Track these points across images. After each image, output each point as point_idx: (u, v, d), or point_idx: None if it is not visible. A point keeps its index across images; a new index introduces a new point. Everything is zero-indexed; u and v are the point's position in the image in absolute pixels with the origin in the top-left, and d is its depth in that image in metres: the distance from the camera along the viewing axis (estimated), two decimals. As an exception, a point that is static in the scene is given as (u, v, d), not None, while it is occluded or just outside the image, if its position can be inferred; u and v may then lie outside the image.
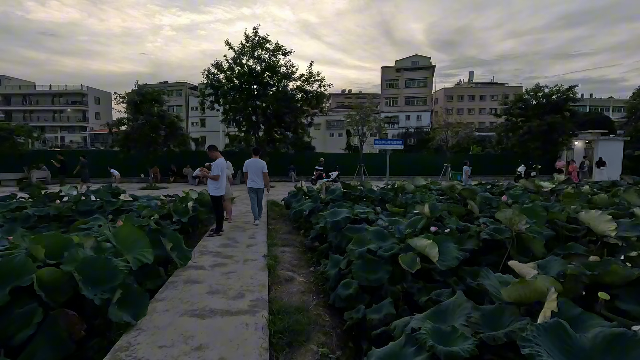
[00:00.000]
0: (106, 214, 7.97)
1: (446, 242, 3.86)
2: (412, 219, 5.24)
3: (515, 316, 2.26)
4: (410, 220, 5.26)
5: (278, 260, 5.23)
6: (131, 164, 19.08)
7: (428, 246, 3.66)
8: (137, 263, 3.50)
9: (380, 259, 4.01)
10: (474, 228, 4.48)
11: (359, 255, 4.16)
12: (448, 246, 3.80)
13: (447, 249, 3.75)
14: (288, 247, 6.09)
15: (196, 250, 5.57)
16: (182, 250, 4.42)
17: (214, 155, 6.75)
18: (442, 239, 3.86)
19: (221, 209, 6.78)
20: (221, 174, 6.58)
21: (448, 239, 3.93)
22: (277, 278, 4.51)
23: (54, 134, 63.44)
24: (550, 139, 18.47)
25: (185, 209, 7.10)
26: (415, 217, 5.26)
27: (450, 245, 3.81)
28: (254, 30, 15.67)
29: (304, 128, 17.25)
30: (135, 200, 9.32)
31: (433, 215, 4.97)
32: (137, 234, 3.70)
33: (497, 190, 9.43)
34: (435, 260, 3.52)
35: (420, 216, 5.20)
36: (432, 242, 3.67)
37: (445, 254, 3.69)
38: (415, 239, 3.83)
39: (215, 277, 4.27)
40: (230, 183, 8.34)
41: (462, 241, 4.45)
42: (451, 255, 3.69)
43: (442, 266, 3.58)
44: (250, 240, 6.34)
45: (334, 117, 50.28)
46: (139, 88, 15.73)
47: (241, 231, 7.09)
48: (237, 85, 15.78)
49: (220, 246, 5.84)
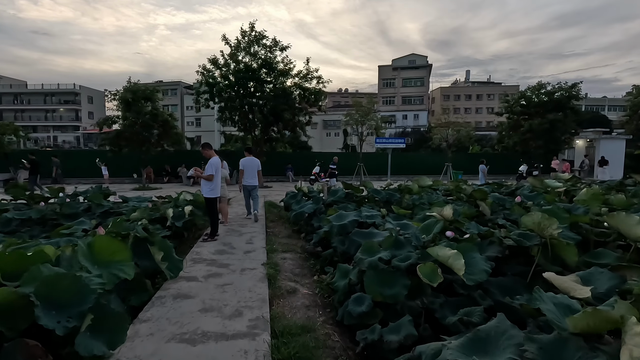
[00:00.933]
0: (94, 216, 7.50)
1: (472, 251, 3.42)
2: (426, 223, 4.80)
3: (582, 351, 1.81)
4: (424, 224, 4.82)
5: (278, 269, 4.76)
6: (124, 164, 18.51)
7: (452, 257, 3.22)
8: (113, 280, 3.01)
9: (396, 270, 3.56)
10: (497, 233, 4.04)
11: (370, 265, 3.71)
12: (474, 257, 3.36)
13: (474, 260, 3.31)
14: (288, 253, 5.63)
15: (189, 257, 5.09)
16: (173, 260, 3.94)
17: (207, 153, 6.27)
18: (467, 248, 3.42)
19: (216, 211, 6.29)
20: (215, 174, 6.10)
21: (474, 249, 3.48)
22: (279, 290, 4.04)
23: (46, 134, 62.53)
24: (552, 138, 18.15)
25: (179, 212, 6.62)
26: (430, 221, 4.81)
27: (476, 256, 3.36)
28: (250, 25, 15.17)
29: (302, 126, 16.77)
30: (125, 202, 8.84)
31: (454, 219, 4.52)
32: (115, 245, 3.22)
33: (506, 191, 9.03)
34: (461, 273, 3.07)
35: (434, 220, 4.75)
36: (457, 253, 3.23)
37: (472, 265, 3.25)
38: (436, 248, 3.38)
39: (209, 290, 3.80)
40: (227, 184, 7.86)
41: (482, 248, 4.03)
42: (479, 267, 3.24)
43: (469, 280, 3.13)
44: (247, 245, 5.86)
45: (331, 117, 49.87)
46: (130, 85, 15.14)
47: (238, 235, 6.61)
48: (232, 82, 15.26)
49: (215, 253, 5.36)
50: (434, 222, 4.81)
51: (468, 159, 23.44)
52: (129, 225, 4.64)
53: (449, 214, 4.42)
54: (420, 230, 4.83)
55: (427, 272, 3.28)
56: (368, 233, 4.91)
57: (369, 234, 4.89)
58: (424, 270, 3.30)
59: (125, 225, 4.44)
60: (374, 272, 3.62)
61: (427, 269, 3.30)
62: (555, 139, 18.33)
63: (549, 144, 18.39)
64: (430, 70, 57.55)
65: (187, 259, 5.00)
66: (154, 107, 15.80)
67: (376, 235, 4.78)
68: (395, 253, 4.01)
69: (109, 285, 3.02)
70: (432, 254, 3.36)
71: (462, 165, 20.66)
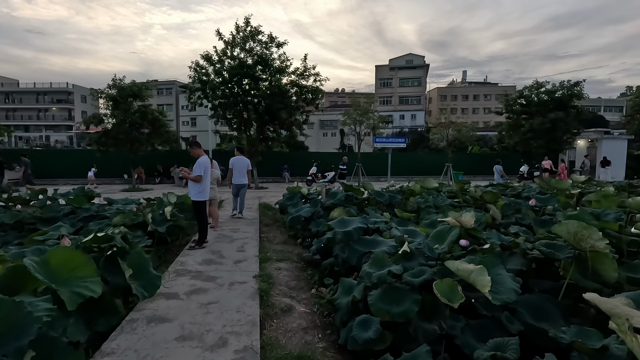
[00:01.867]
0: (76, 220, 6.97)
1: (497, 266, 2.93)
2: (439, 230, 4.31)
3: None
4: (436, 232, 4.33)
5: (272, 282, 4.25)
6: (114, 164, 17.90)
7: (475, 272, 2.73)
8: (76, 300, 2.50)
9: (408, 287, 3.06)
10: (523, 244, 3.56)
11: (378, 279, 3.21)
12: (500, 273, 2.86)
13: (500, 277, 2.81)
14: (284, 262, 5.11)
15: (172, 269, 4.55)
16: (149, 275, 3.41)
17: (196, 152, 5.73)
18: (492, 262, 2.93)
19: (205, 216, 5.76)
20: (204, 175, 5.56)
21: (498, 263, 2.98)
22: (272, 308, 3.53)
23: (38, 133, 61.61)
24: (554, 137, 17.75)
25: (162, 216, 6.08)
26: (442, 228, 4.32)
27: (502, 272, 2.87)
28: (245, 20, 14.59)
29: (299, 125, 16.23)
30: (110, 205, 8.31)
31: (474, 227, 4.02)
32: (79, 258, 2.69)
33: (512, 192, 8.58)
34: (485, 290, 2.58)
35: (447, 227, 4.26)
36: (482, 267, 2.74)
37: (498, 283, 2.76)
38: (457, 262, 2.89)
39: (190, 311, 3.27)
40: (218, 185, 7.33)
41: (503, 260, 3.55)
42: (506, 285, 2.75)
43: (496, 300, 2.64)
44: (239, 254, 5.34)
45: (328, 117, 49.44)
46: (116, 82, 14.51)
47: (229, 242, 6.08)
48: (227, 79, 14.68)
49: (202, 263, 4.83)
50: (447, 230, 4.32)
51: (468, 159, 23.05)
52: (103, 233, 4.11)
53: (469, 221, 3.91)
54: (432, 238, 4.34)
55: (445, 289, 2.79)
56: (372, 241, 4.42)
57: (373, 242, 4.40)
58: (441, 287, 2.81)
59: (108, 235, 3.90)
60: (382, 289, 3.13)
61: (445, 286, 2.81)
62: (556, 139, 17.94)
63: (551, 144, 17.98)
64: (427, 70, 57.27)
65: (170, 270, 4.46)
66: (143, 104, 15.19)
67: (381, 244, 4.29)
68: (406, 266, 3.52)
69: (71, 306, 2.50)
70: (451, 268, 2.88)
71: (462, 166, 20.24)
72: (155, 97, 53.86)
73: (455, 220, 4.35)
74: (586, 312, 2.97)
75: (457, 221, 4.32)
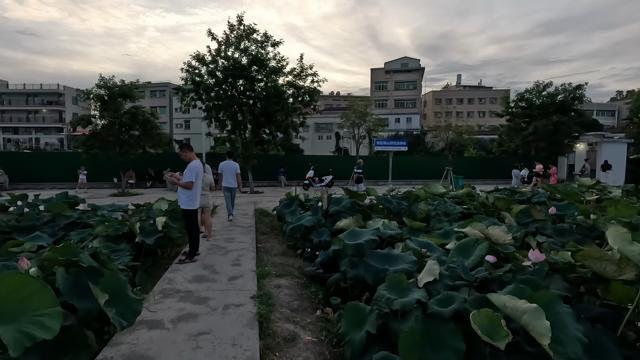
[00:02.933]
0: (57, 229, 6.41)
1: (554, 302, 2.37)
2: (462, 244, 3.83)
3: None
4: (459, 246, 3.85)
5: (272, 303, 3.73)
6: (103, 168, 17.25)
7: (530, 314, 2.21)
8: (22, 343, 1.97)
9: (446, 329, 2.50)
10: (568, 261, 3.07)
11: (402, 308, 2.72)
12: (559, 312, 2.29)
13: (559, 319, 2.23)
14: (284, 278, 4.59)
15: (158, 288, 4.01)
16: (127, 300, 2.88)
17: (187, 156, 5.20)
18: (546, 297, 2.38)
19: (196, 226, 5.22)
20: (195, 181, 5.04)
21: (556, 298, 2.42)
22: (273, 338, 3.02)
23: (28, 136, 60.39)
24: (556, 141, 17.46)
25: (153, 226, 5.53)
26: (466, 241, 3.84)
27: (562, 311, 2.29)
28: (239, 18, 14.08)
29: (295, 127, 15.72)
30: (95, 211, 7.73)
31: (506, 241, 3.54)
32: (32, 285, 2.17)
33: (520, 198, 8.15)
34: (545, 343, 2.05)
35: (471, 240, 3.78)
36: (537, 308, 2.21)
37: (559, 328, 2.17)
38: (503, 297, 2.36)
39: (177, 345, 2.74)
40: (211, 190, 6.79)
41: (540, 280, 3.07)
42: (569, 332, 2.19)
43: (560, 356, 2.08)
44: (234, 268, 4.80)
45: (323, 120, 49.06)
46: (103, 82, 13.88)
47: (223, 254, 5.54)
48: (220, 80, 14.15)
49: (192, 280, 4.29)
50: (472, 243, 3.84)
51: (466, 163, 22.71)
52: (79, 248, 3.56)
53: (503, 237, 3.43)
54: (455, 252, 3.86)
55: (485, 323, 2.31)
56: (386, 256, 3.92)
57: (387, 256, 3.90)
58: (479, 320, 2.32)
59: (75, 249, 3.36)
60: (409, 323, 2.63)
61: (484, 319, 2.32)
62: (559, 142, 17.64)
63: (553, 147, 17.68)
64: (422, 74, 57.24)
65: (156, 290, 3.92)
66: (134, 105, 14.59)
67: (396, 259, 3.80)
68: (429, 288, 3.03)
69: (15, 351, 1.97)
70: (497, 304, 2.36)
71: (460, 169, 19.87)
72: (148, 99, 53.20)
73: (481, 232, 3.88)
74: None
75: (484, 234, 3.84)
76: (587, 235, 5.14)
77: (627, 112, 52.92)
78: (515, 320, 2.25)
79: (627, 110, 28.09)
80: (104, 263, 3.29)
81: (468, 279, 3.07)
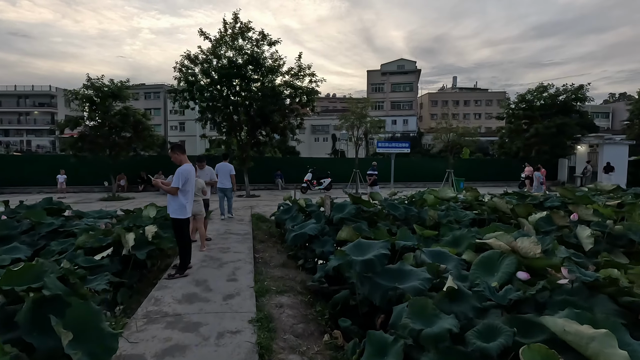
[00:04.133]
0: (36, 238, 5.89)
1: (618, 330, 1.97)
2: (485, 257, 3.38)
3: None
4: (481, 259, 3.40)
5: (274, 327, 3.24)
6: (93, 171, 16.63)
7: (599, 341, 1.79)
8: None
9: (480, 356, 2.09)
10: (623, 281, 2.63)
11: (435, 341, 2.26)
12: (629, 342, 1.90)
13: (631, 351, 1.85)
14: (285, 296, 4.11)
15: (142, 311, 3.49)
16: (101, 337, 2.38)
17: (177, 158, 4.68)
18: (612, 327, 1.96)
19: (187, 237, 4.71)
20: (185, 187, 4.53)
21: (618, 325, 2.01)
22: (277, 375, 2.53)
23: (19, 138, 59.48)
24: (559, 143, 17.13)
25: (141, 236, 5.00)
26: (490, 254, 3.39)
27: (633, 343, 1.90)
28: (234, 15, 13.57)
29: (292, 129, 15.22)
30: (80, 218, 7.21)
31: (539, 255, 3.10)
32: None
33: (532, 202, 7.73)
34: None
35: (496, 253, 3.33)
36: (608, 333, 1.80)
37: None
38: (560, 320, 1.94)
39: (159, 390, 2.25)
40: (204, 195, 6.27)
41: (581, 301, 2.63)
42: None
43: None
44: (229, 284, 4.30)
45: (320, 122, 48.71)
46: (91, 82, 13.28)
47: (217, 266, 5.04)
48: (215, 79, 13.63)
49: (182, 300, 3.79)
50: (496, 257, 3.39)
51: (466, 165, 22.34)
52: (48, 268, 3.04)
53: (532, 249, 2.99)
54: (477, 267, 3.41)
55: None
56: (398, 271, 3.45)
57: (399, 272, 3.44)
58: (532, 357, 1.88)
59: (39, 270, 2.85)
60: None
61: (536, 356, 1.88)
62: (561, 144, 17.32)
63: (555, 149, 17.35)
64: (419, 76, 57.17)
65: (139, 314, 3.41)
66: (125, 106, 14.01)
67: (408, 276, 3.34)
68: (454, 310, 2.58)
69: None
70: (553, 329, 1.94)
71: (460, 172, 19.48)
72: (143, 101, 52.46)
73: (508, 244, 3.43)
74: None
75: (511, 247, 3.39)
76: (614, 244, 4.74)
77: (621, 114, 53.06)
78: (579, 348, 1.81)
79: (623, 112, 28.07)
80: (75, 287, 2.79)
81: (498, 301, 2.62)
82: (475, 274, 3.31)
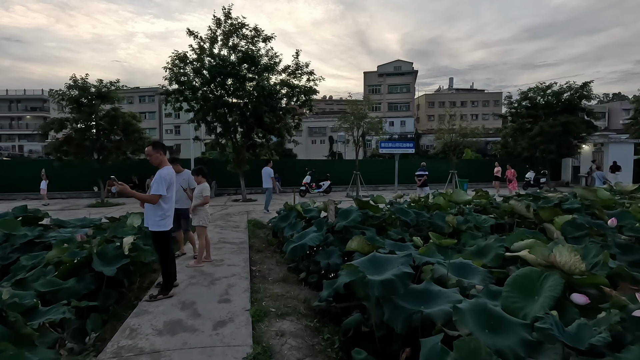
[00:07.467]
0: (7, 252, 5.29)
1: None
2: (522, 276, 2.74)
3: None
4: (515, 278, 2.77)
5: (274, 366, 2.62)
6: (81, 176, 15.92)
7: None
8: None
9: None
10: None
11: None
12: None
13: None
14: (287, 320, 3.48)
15: (113, 345, 2.86)
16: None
17: (158, 159, 4.04)
18: None
19: (170, 254, 4.06)
20: (168, 194, 3.89)
21: None
22: None
23: (10, 143, 58.62)
24: (564, 142, 16.62)
25: (118, 250, 4.35)
26: (527, 272, 2.77)
27: None
28: (226, 11, 12.90)
29: (289, 130, 14.59)
30: (60, 228, 6.61)
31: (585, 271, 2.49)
32: None
33: (546, 205, 7.16)
34: None
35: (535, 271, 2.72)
36: None
37: None
38: None
39: None
40: (190, 198, 5.58)
41: None
42: None
43: None
44: (221, 307, 3.67)
45: (316, 124, 48.20)
46: (75, 82, 12.57)
47: (208, 283, 4.40)
48: (208, 79, 12.99)
49: (164, 329, 3.15)
50: (535, 275, 2.77)
51: (467, 166, 21.81)
52: None
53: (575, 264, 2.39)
54: (512, 288, 2.79)
55: None
56: (424, 292, 2.85)
57: (425, 293, 2.83)
58: None
59: None
60: None
61: None
62: (567, 143, 16.82)
63: (561, 149, 16.85)
64: (415, 77, 56.93)
65: (108, 351, 2.77)
66: (113, 107, 13.32)
67: (439, 297, 2.74)
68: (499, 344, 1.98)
69: None
70: None
71: (463, 173, 18.94)
72: (137, 104, 51.68)
73: (545, 260, 2.83)
74: None
75: (550, 262, 2.79)
76: (657, 252, 4.15)
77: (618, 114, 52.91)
78: None
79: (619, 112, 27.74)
80: (16, 327, 2.15)
81: (574, 345, 1.98)
82: (510, 298, 2.68)
